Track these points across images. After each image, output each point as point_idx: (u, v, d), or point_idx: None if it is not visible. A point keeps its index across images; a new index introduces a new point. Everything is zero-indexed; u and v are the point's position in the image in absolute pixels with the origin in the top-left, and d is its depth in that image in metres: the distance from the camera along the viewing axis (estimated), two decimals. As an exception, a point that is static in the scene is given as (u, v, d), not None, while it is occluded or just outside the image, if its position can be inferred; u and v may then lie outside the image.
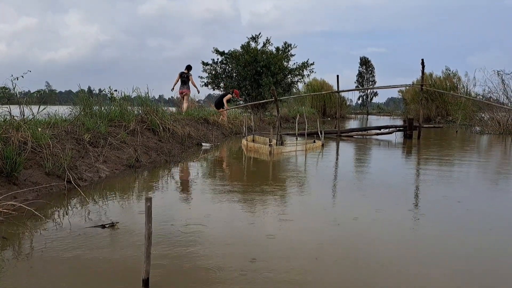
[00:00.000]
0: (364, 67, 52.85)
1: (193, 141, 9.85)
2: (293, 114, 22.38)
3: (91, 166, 5.52)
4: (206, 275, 2.40)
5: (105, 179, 5.37)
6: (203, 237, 3.09)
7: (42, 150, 4.93)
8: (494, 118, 17.52)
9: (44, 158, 4.83)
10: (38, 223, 3.41)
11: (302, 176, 6.14)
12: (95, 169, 5.49)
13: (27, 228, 3.31)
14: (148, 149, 7.47)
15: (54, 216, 3.68)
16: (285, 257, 2.72)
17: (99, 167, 5.62)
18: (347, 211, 4.03)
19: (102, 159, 5.87)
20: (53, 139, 5.57)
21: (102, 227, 3.23)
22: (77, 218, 3.55)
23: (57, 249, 2.80)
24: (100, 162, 5.77)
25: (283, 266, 2.56)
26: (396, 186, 5.44)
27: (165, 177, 5.88)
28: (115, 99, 8.36)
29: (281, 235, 3.20)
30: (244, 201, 4.37)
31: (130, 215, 3.70)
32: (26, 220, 3.47)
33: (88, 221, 3.46)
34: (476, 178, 6.41)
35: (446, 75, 30.50)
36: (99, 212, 3.76)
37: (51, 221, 3.51)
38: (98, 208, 3.91)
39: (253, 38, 20.98)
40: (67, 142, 5.74)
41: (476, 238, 3.27)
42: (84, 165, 5.47)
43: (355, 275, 2.50)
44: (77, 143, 6.03)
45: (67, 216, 3.66)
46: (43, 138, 5.06)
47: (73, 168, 5.07)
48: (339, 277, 2.47)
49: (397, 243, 3.12)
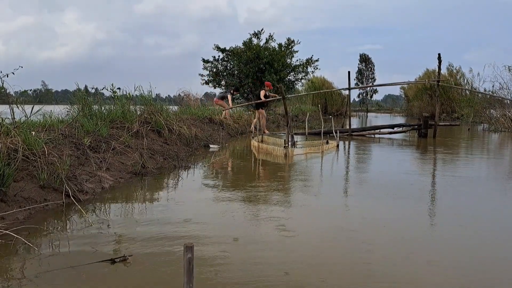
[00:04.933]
0: (364, 64, 52.19)
1: (200, 143, 9.15)
2: (294, 112, 21.68)
3: (92, 175, 4.82)
4: None
5: (109, 190, 4.67)
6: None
7: (35, 158, 4.22)
8: (507, 115, 16.91)
9: (38, 167, 4.13)
10: (29, 256, 2.70)
11: (342, 185, 5.47)
12: (97, 178, 4.78)
13: (12, 264, 2.61)
14: (154, 153, 6.77)
15: (50, 244, 2.97)
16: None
17: (101, 176, 4.92)
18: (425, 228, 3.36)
19: (105, 166, 5.17)
20: (48, 144, 4.87)
21: (112, 262, 2.54)
22: (79, 247, 2.85)
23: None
24: (102, 170, 5.07)
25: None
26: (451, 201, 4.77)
27: (178, 188, 5.10)
28: (118, 97, 7.63)
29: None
30: (279, 221, 3.68)
31: (146, 243, 2.98)
32: (14, 250, 2.77)
33: (93, 251, 2.76)
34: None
35: (449, 71, 29.87)
36: (106, 238, 3.06)
37: (47, 252, 2.80)
38: (103, 232, 3.21)
39: (255, 34, 20.25)
40: (65, 148, 5.04)
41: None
42: (85, 174, 4.77)
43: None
44: (76, 148, 5.32)
45: (66, 245, 2.95)
46: (37, 144, 4.35)
47: (72, 179, 4.37)
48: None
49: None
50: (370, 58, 51.94)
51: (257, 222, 3.56)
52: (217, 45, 20.05)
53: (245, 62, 19.21)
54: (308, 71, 20.97)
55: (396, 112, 47.10)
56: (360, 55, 52.75)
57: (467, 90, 21.49)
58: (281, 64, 19.39)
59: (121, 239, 3.04)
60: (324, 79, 35.65)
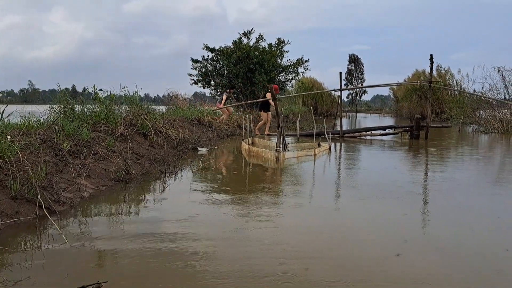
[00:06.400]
0: (353, 64, 52.30)
1: (188, 145, 8.84)
2: (285, 113, 21.44)
3: (71, 183, 4.49)
4: None
5: (89, 199, 4.34)
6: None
7: (7, 166, 3.89)
8: (496, 116, 16.88)
9: (10, 176, 3.79)
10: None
11: (340, 191, 5.22)
12: (76, 187, 4.45)
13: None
14: (139, 157, 6.46)
15: (15, 271, 2.63)
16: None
17: (81, 183, 4.59)
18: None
19: (85, 173, 4.83)
20: (24, 149, 4.54)
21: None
22: (48, 275, 2.53)
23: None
24: (82, 177, 4.74)
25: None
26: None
27: (165, 196, 4.74)
28: (100, 99, 7.28)
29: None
30: (275, 237, 3.41)
31: (123, 269, 2.68)
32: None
33: (64, 276, 2.45)
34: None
35: (438, 72, 29.92)
36: (81, 259, 2.76)
37: (6, 280, 2.49)
38: (78, 252, 2.89)
39: (245, 33, 19.99)
40: (42, 153, 4.69)
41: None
42: (63, 182, 4.44)
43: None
44: (54, 154, 4.98)
45: (32, 269, 2.64)
46: (10, 150, 4.02)
47: (48, 188, 4.04)
48: None
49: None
50: (359, 59, 52.12)
51: (251, 237, 3.29)
52: (206, 45, 19.76)
53: (235, 62, 18.93)
54: (298, 72, 20.79)
55: (385, 113, 47.22)
56: (350, 56, 52.94)
57: (461, 91, 21.41)
58: (271, 64, 19.16)
59: (98, 260, 2.74)
60: (314, 79, 35.57)
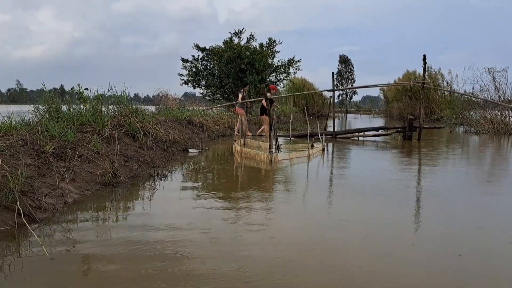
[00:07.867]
0: (343, 65, 52.34)
1: (179, 147, 8.59)
2: (276, 114, 21.25)
3: (54, 188, 4.23)
4: None
5: (73, 205, 4.09)
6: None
7: (-16, 170, 3.63)
8: (487, 117, 16.93)
9: (-13, 181, 3.53)
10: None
11: (339, 194, 5.04)
12: (59, 191, 4.20)
13: None
14: (127, 159, 6.20)
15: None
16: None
17: (65, 188, 4.33)
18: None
19: (69, 177, 4.58)
20: (4, 151, 4.28)
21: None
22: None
23: None
24: (66, 181, 4.48)
25: None
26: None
27: (154, 201, 4.52)
28: (86, 99, 7.00)
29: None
30: (274, 246, 3.21)
31: (110, 277, 2.47)
32: None
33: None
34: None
35: (428, 73, 30.05)
36: (63, 270, 2.52)
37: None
38: (59, 263, 2.66)
39: (236, 33, 19.77)
40: (23, 156, 4.43)
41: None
42: (45, 186, 4.18)
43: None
44: (37, 157, 4.71)
45: (12, 283, 2.40)
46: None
47: (28, 193, 3.78)
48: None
49: None
50: (349, 59, 52.16)
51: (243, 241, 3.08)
52: (197, 44, 19.50)
53: (226, 62, 18.68)
54: (290, 72, 20.62)
55: (375, 113, 47.39)
56: (340, 56, 52.96)
57: (453, 92, 21.45)
58: (263, 65, 18.95)
59: (82, 270, 2.51)
60: (305, 80, 35.51)
